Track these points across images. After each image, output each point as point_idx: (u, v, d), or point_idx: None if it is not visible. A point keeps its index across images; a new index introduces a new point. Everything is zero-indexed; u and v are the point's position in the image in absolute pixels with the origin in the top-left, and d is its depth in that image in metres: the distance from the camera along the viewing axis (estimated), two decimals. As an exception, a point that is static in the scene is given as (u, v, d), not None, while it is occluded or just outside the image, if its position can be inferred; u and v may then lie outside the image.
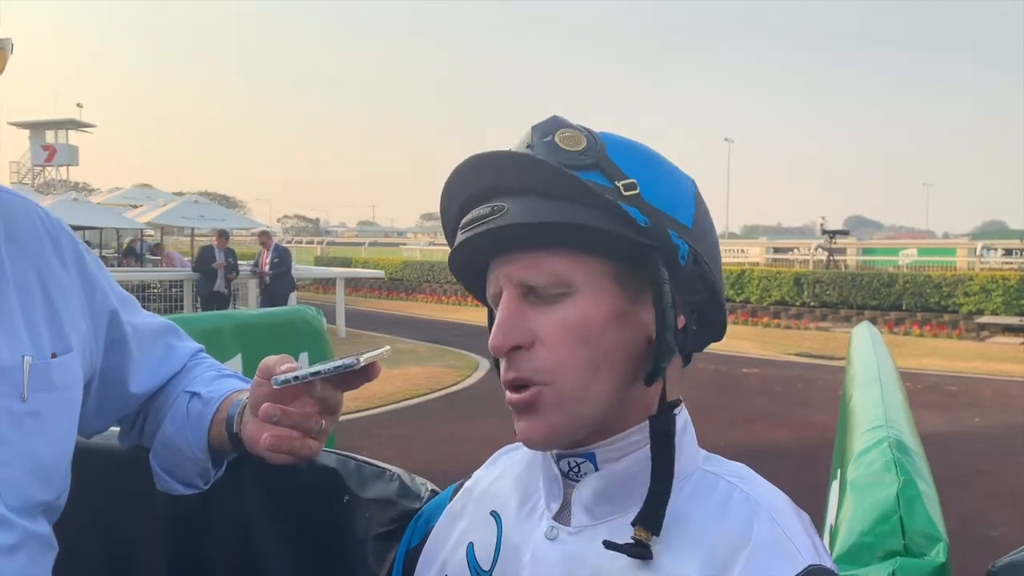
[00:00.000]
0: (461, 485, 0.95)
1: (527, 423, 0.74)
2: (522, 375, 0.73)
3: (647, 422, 0.75)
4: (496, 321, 0.74)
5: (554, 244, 0.73)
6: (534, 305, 0.74)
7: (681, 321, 0.75)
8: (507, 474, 0.89)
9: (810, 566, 0.68)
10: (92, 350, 1.02)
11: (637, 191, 0.73)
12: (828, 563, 0.71)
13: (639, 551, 0.70)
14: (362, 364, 0.85)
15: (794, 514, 0.74)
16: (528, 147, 0.75)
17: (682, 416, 0.78)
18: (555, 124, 0.76)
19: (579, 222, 0.71)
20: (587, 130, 0.77)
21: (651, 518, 0.71)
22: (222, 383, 1.09)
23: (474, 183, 0.76)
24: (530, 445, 0.76)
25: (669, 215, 0.75)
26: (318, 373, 0.85)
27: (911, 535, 0.95)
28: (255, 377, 0.94)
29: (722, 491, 0.74)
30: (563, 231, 0.72)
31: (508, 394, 0.75)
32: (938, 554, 0.93)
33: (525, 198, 0.72)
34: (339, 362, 0.85)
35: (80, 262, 1.02)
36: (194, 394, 1.06)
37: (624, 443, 0.76)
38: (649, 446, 0.74)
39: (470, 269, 0.81)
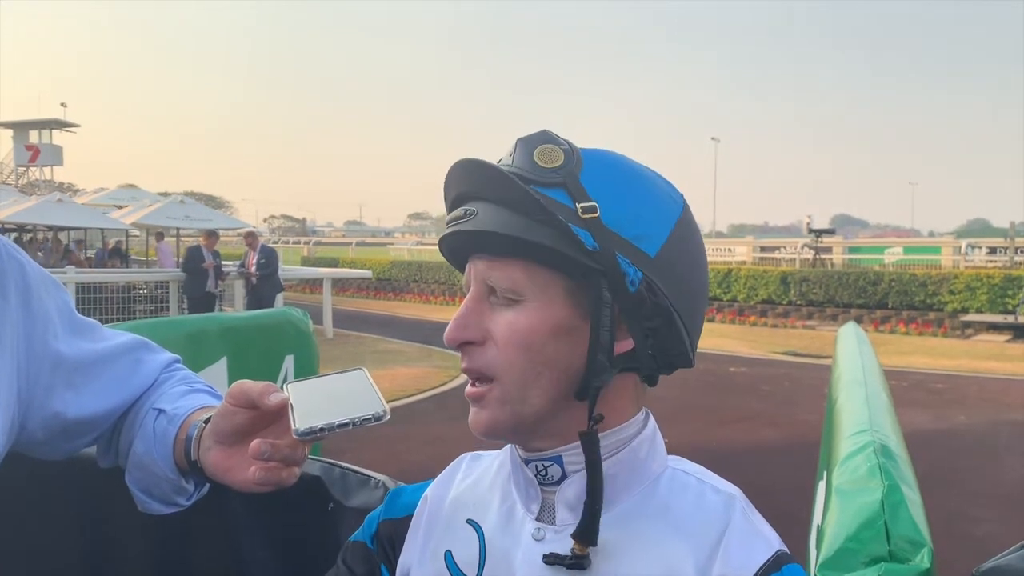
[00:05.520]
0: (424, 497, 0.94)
1: (474, 413, 0.80)
2: (472, 366, 0.79)
3: (614, 429, 0.79)
4: (454, 315, 0.80)
5: (512, 253, 0.77)
6: (493, 305, 0.79)
7: (628, 344, 0.77)
8: (480, 483, 0.90)
9: (779, 551, 0.76)
10: (24, 388, 0.96)
11: (596, 214, 0.75)
12: (788, 550, 0.78)
13: (577, 562, 0.75)
14: (388, 417, 0.83)
15: (754, 508, 0.81)
16: (509, 157, 0.80)
17: (650, 424, 0.83)
18: (539, 139, 0.79)
19: (529, 238, 0.74)
20: (569, 148, 0.79)
21: (587, 532, 0.75)
22: (189, 399, 1.05)
23: (457, 185, 0.82)
24: (475, 433, 0.81)
25: (629, 241, 0.76)
26: (346, 425, 0.82)
27: (896, 540, 0.96)
28: (226, 403, 0.92)
29: (694, 487, 0.81)
30: (517, 243, 0.75)
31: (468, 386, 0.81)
32: (923, 559, 0.94)
33: (489, 206, 0.77)
34: (366, 414, 0.82)
35: (25, 293, 0.97)
36: (160, 411, 1.03)
37: None
38: (626, 450, 0.79)
39: (456, 259, 0.85)
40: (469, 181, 0.80)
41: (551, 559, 0.76)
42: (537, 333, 0.76)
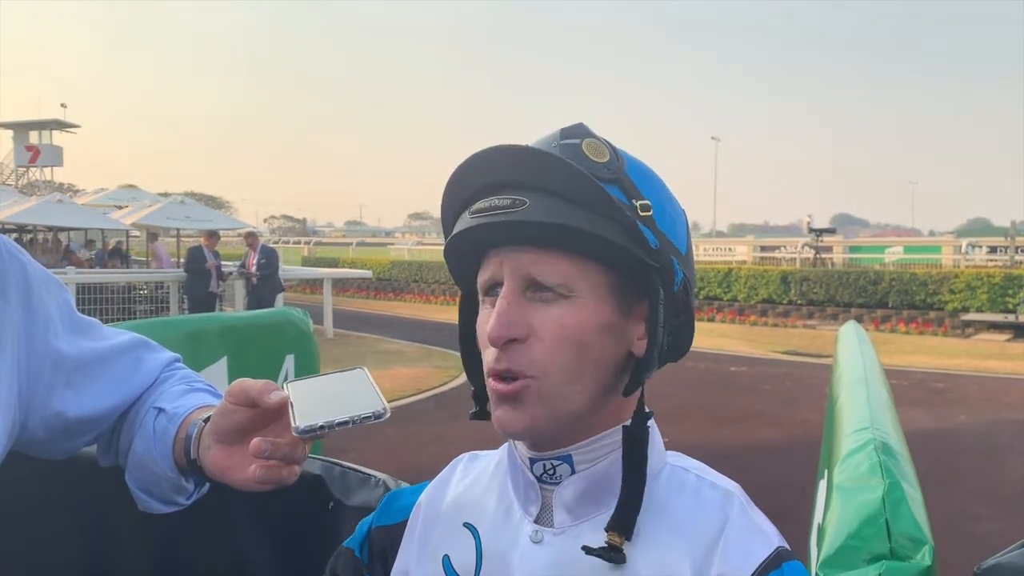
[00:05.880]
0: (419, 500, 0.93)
1: (509, 412, 0.76)
2: (515, 367, 0.75)
3: (619, 427, 0.78)
4: (496, 312, 0.75)
5: (565, 247, 0.74)
6: (531, 301, 0.76)
7: None
8: (477, 485, 0.89)
9: (778, 548, 0.75)
10: (25, 387, 0.96)
11: (651, 213, 0.76)
12: (788, 546, 0.77)
13: (613, 555, 0.74)
14: (388, 415, 0.82)
15: (754, 504, 0.80)
16: (553, 148, 0.76)
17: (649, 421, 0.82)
18: (582, 131, 0.78)
19: (599, 233, 0.72)
20: (609, 143, 0.78)
21: (623, 524, 0.75)
22: (189, 398, 1.05)
23: (496, 171, 0.76)
24: (507, 433, 0.78)
25: (671, 241, 0.78)
26: (345, 423, 0.81)
27: (897, 538, 0.96)
28: (226, 402, 0.92)
29: (692, 484, 0.80)
30: (578, 237, 0.73)
31: (492, 382, 0.77)
32: (924, 557, 0.93)
33: (547, 197, 0.73)
34: (366, 412, 0.81)
35: (26, 292, 0.97)
36: (160, 410, 1.02)
37: (597, 446, 0.79)
38: (622, 448, 0.77)
39: (467, 253, 0.81)
40: (515, 169, 0.75)
41: (588, 550, 0.74)
42: (587, 330, 0.75)
